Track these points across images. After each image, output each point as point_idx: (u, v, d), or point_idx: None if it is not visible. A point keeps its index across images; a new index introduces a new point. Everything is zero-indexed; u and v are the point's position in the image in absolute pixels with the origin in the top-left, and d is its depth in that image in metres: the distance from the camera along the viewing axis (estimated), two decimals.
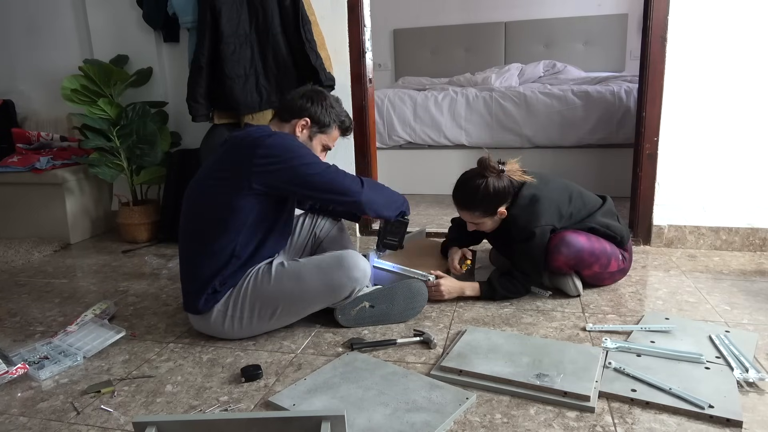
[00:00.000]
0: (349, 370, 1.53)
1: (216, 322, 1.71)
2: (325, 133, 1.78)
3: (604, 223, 2.00)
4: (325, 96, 1.78)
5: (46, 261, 2.77)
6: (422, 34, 5.33)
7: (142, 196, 3.14)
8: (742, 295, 2.00)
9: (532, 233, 1.90)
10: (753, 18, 2.33)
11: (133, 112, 2.92)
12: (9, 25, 3.35)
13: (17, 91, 3.44)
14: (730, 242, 2.54)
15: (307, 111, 1.74)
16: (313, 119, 1.74)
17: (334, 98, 1.82)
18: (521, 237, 1.93)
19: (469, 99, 3.84)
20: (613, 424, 1.27)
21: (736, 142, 2.44)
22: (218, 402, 1.42)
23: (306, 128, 1.75)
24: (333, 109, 1.77)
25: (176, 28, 3.00)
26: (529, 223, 1.91)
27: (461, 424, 1.29)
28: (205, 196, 1.69)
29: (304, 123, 1.74)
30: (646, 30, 2.46)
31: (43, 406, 1.44)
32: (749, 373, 1.42)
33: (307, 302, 1.72)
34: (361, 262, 1.73)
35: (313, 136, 1.76)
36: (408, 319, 1.86)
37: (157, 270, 2.56)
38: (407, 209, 1.89)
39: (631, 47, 4.86)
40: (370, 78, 2.92)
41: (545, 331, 1.75)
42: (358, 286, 1.73)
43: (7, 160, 3.09)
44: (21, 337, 1.87)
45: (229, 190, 1.63)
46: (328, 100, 1.78)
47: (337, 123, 1.79)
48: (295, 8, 2.52)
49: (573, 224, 1.99)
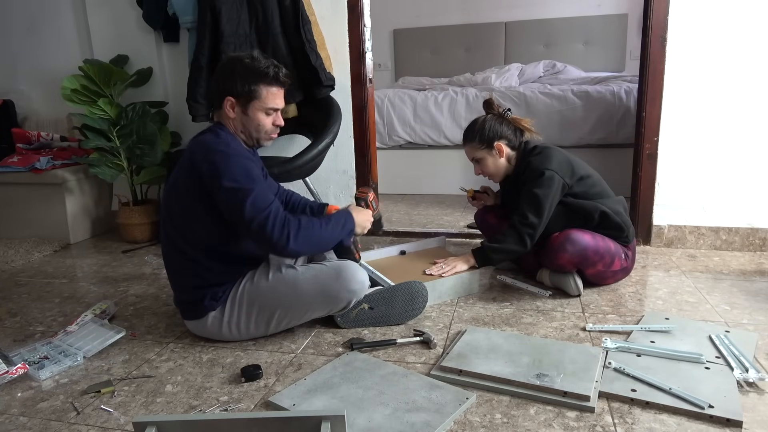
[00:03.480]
0: (349, 370, 1.53)
1: (212, 327, 1.71)
2: (254, 98, 1.60)
3: (616, 210, 2.02)
4: (236, 63, 1.60)
5: (46, 261, 2.77)
6: (422, 34, 5.33)
7: (142, 196, 3.14)
8: (742, 295, 2.00)
9: (542, 172, 1.95)
10: (753, 18, 2.33)
11: (133, 112, 2.92)
12: (9, 25, 3.35)
13: (17, 91, 3.44)
14: (730, 242, 2.54)
15: (226, 89, 1.59)
16: (234, 93, 1.59)
17: (248, 58, 1.60)
18: (531, 178, 1.97)
19: (469, 99, 3.83)
20: (613, 424, 1.27)
21: (736, 142, 2.44)
22: (218, 402, 1.42)
23: (234, 105, 1.61)
24: (249, 70, 1.58)
25: (176, 28, 3.00)
26: (541, 164, 1.97)
27: (461, 424, 1.29)
28: (173, 205, 1.66)
29: (229, 102, 1.60)
30: (646, 30, 2.46)
31: (43, 406, 1.44)
32: (749, 373, 1.42)
33: (304, 311, 1.70)
34: (359, 274, 1.70)
35: (245, 108, 1.61)
36: (407, 321, 1.85)
37: (157, 270, 2.56)
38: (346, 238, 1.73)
39: (631, 47, 4.86)
40: (370, 78, 2.92)
41: (545, 331, 1.75)
42: (355, 298, 1.72)
43: (7, 160, 3.08)
44: (21, 337, 1.87)
45: (189, 194, 1.60)
46: (240, 66, 1.58)
47: (261, 80, 1.59)
48: (295, 8, 2.52)
49: (585, 194, 2.01)
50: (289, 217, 1.55)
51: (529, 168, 2.01)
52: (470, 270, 2.05)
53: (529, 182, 1.99)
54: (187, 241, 1.65)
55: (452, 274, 2.02)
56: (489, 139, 2.05)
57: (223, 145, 1.58)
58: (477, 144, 2.07)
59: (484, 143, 2.06)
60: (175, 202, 1.65)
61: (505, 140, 2.07)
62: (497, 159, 2.08)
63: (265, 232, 1.52)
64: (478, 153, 2.09)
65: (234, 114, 1.64)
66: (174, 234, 1.67)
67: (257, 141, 1.70)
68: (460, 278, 2.04)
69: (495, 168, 2.10)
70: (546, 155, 2.01)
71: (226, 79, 1.62)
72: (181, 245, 1.66)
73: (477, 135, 2.06)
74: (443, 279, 2.00)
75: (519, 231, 1.97)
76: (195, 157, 1.59)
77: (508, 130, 2.07)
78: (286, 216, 1.55)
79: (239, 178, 1.53)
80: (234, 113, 1.63)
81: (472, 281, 2.08)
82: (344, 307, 1.73)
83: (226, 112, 1.64)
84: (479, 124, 2.08)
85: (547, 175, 1.95)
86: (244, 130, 1.67)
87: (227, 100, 1.62)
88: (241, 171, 1.54)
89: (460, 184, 3.87)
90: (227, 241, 1.65)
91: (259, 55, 1.63)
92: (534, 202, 1.95)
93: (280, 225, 1.52)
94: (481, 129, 2.06)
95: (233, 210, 1.54)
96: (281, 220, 1.53)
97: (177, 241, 1.66)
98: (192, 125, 2.95)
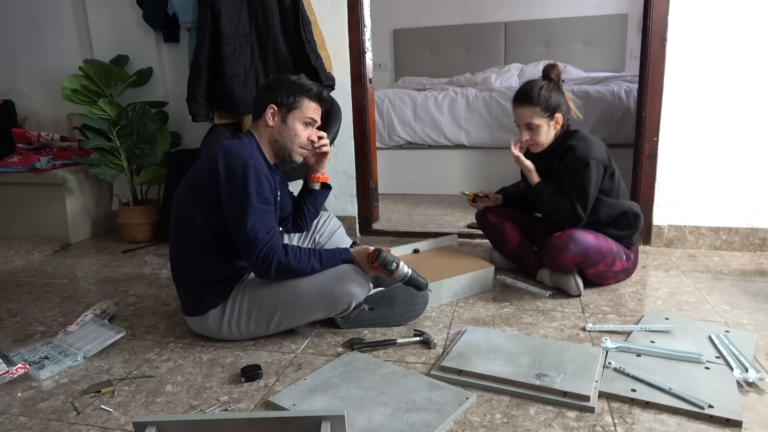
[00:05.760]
0: (349, 370, 1.53)
1: (213, 325, 1.72)
2: (295, 108, 1.72)
3: (635, 212, 2.04)
4: (283, 78, 1.75)
5: (46, 261, 2.77)
6: (422, 34, 5.33)
7: (142, 196, 3.14)
8: (742, 295, 2.00)
9: (587, 163, 1.94)
10: (753, 18, 2.33)
11: (133, 112, 2.92)
12: (9, 24, 3.35)
13: (17, 91, 3.44)
14: (730, 242, 2.54)
15: (270, 98, 1.71)
16: (278, 103, 1.71)
17: (295, 76, 1.76)
18: (576, 167, 1.96)
19: (469, 99, 3.84)
20: (613, 424, 1.27)
21: (736, 142, 2.44)
22: (218, 402, 1.42)
23: (276, 114, 1.71)
24: (295, 85, 1.72)
25: (176, 28, 3.00)
26: (587, 153, 1.95)
27: (461, 424, 1.29)
28: (185, 199, 1.71)
29: (271, 110, 1.72)
30: (646, 30, 2.46)
31: (44, 406, 1.44)
32: (749, 373, 1.42)
33: (304, 312, 1.71)
34: (360, 276, 1.70)
35: (285, 117, 1.72)
36: (407, 322, 1.85)
37: (157, 270, 2.56)
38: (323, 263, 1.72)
39: (631, 47, 4.86)
40: (370, 78, 2.93)
41: (545, 331, 1.75)
42: (356, 301, 1.72)
43: (7, 160, 3.08)
44: (21, 337, 1.87)
45: (202, 192, 1.65)
46: (287, 80, 1.74)
47: (305, 94, 1.73)
48: (295, 8, 2.52)
49: (611, 189, 2.03)
50: (277, 250, 1.61)
51: (573, 153, 1.96)
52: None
53: (574, 170, 1.96)
54: (193, 237, 1.67)
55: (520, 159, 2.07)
56: (553, 108, 1.99)
57: (246, 155, 1.63)
58: (540, 110, 1.98)
59: (548, 111, 1.99)
60: (187, 198, 1.69)
61: (562, 113, 2.02)
62: (551, 130, 2.03)
63: (252, 255, 1.61)
64: (536, 119, 1.99)
65: (273, 122, 1.72)
66: (181, 230, 1.70)
67: (289, 153, 1.76)
68: (475, 275, 2.06)
69: (546, 138, 2.04)
70: (589, 143, 1.99)
71: (272, 90, 1.72)
72: (186, 241, 1.68)
73: (542, 101, 1.97)
74: (457, 276, 2.01)
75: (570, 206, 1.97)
76: (217, 159, 1.63)
77: (563, 102, 2.02)
78: (276, 247, 1.62)
79: (251, 191, 1.59)
80: (273, 121, 1.72)
81: (487, 278, 2.09)
82: (345, 309, 1.73)
83: (265, 120, 1.72)
84: (543, 89, 1.98)
85: (593, 165, 1.94)
86: (279, 139, 1.74)
87: (269, 107, 1.71)
88: (254, 185, 1.60)
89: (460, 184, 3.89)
90: (231, 241, 1.66)
91: (304, 77, 1.77)
92: (580, 191, 1.96)
93: (265, 254, 1.60)
94: (547, 96, 1.97)
95: (234, 221, 1.61)
96: (270, 248, 1.60)
97: (183, 236, 1.69)
98: (192, 125, 2.95)
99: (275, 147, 1.75)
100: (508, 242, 2.26)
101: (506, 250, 2.28)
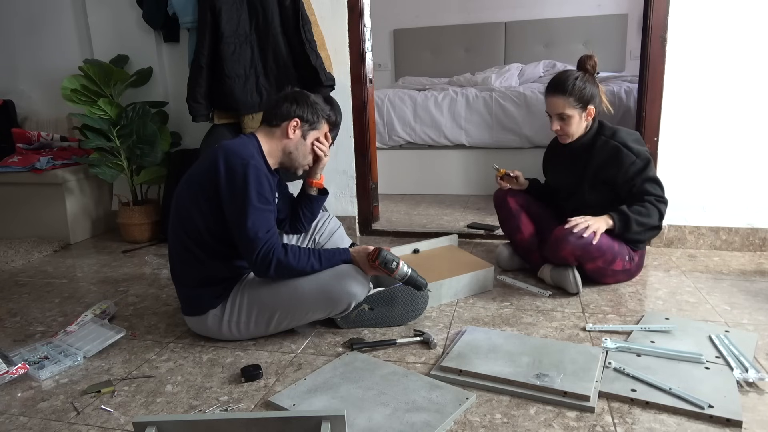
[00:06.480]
0: (349, 370, 1.53)
1: (212, 325, 1.72)
2: (315, 129, 1.79)
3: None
4: (308, 95, 1.81)
5: (46, 261, 2.77)
6: (422, 34, 5.33)
7: (142, 196, 3.14)
8: (742, 295, 2.00)
9: (649, 159, 1.99)
10: (753, 18, 2.33)
11: (133, 112, 2.92)
12: (9, 25, 3.35)
13: (17, 91, 3.44)
14: (730, 242, 2.54)
15: (295, 112, 1.75)
16: (303, 119, 1.76)
17: (314, 96, 1.84)
18: (640, 165, 1.99)
19: (469, 99, 3.84)
20: (613, 424, 1.27)
21: (736, 142, 2.44)
22: (218, 402, 1.42)
23: (298, 128, 1.76)
24: (318, 105, 1.80)
25: (176, 28, 3.00)
26: (639, 151, 1.99)
27: (461, 424, 1.29)
28: (184, 198, 1.71)
29: (295, 124, 1.75)
30: (646, 30, 2.46)
31: (44, 406, 1.44)
32: (749, 373, 1.42)
33: (304, 312, 1.71)
34: (360, 276, 1.70)
35: (306, 134, 1.78)
36: (407, 322, 1.85)
37: (157, 270, 2.56)
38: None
39: (631, 47, 4.86)
40: (370, 78, 2.93)
41: (545, 331, 1.75)
42: (356, 300, 1.72)
43: (8, 160, 3.08)
44: (21, 337, 1.87)
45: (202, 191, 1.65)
46: (311, 99, 1.80)
47: (325, 118, 1.81)
48: (295, 8, 2.52)
49: None
50: (277, 249, 1.62)
51: (630, 153, 1.98)
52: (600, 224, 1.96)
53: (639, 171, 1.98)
54: (192, 237, 1.67)
55: (589, 232, 1.93)
56: (587, 99, 1.99)
57: (247, 155, 1.64)
58: (574, 101, 1.99)
59: (581, 102, 1.99)
60: (187, 196, 1.69)
61: (594, 105, 2.03)
62: (582, 122, 2.04)
63: (251, 254, 1.61)
64: (569, 110, 2.00)
65: (293, 135, 1.75)
66: (180, 230, 1.69)
67: (298, 167, 1.82)
68: (475, 275, 2.06)
69: (577, 129, 2.05)
70: (635, 137, 2.04)
71: (298, 105, 1.76)
72: (186, 241, 1.68)
73: (577, 91, 1.98)
74: (457, 276, 2.01)
75: (659, 208, 1.98)
76: (217, 158, 1.63)
77: (597, 96, 2.03)
78: (276, 246, 1.62)
79: (251, 190, 1.59)
80: (294, 135, 1.75)
81: (487, 278, 2.09)
82: (344, 309, 1.73)
83: (285, 131, 1.74)
84: (578, 80, 1.98)
85: (650, 158, 2.01)
86: (294, 152, 1.77)
87: (294, 120, 1.74)
88: (254, 184, 1.60)
89: (460, 184, 3.90)
90: (231, 241, 1.66)
91: (321, 99, 1.86)
92: (656, 183, 2.00)
93: (265, 253, 1.60)
94: (581, 87, 1.98)
95: (234, 220, 1.61)
96: (269, 247, 1.61)
97: (183, 237, 1.69)
98: (192, 125, 2.95)
99: (286, 158, 1.77)
100: (521, 231, 2.25)
101: (517, 238, 2.26)
